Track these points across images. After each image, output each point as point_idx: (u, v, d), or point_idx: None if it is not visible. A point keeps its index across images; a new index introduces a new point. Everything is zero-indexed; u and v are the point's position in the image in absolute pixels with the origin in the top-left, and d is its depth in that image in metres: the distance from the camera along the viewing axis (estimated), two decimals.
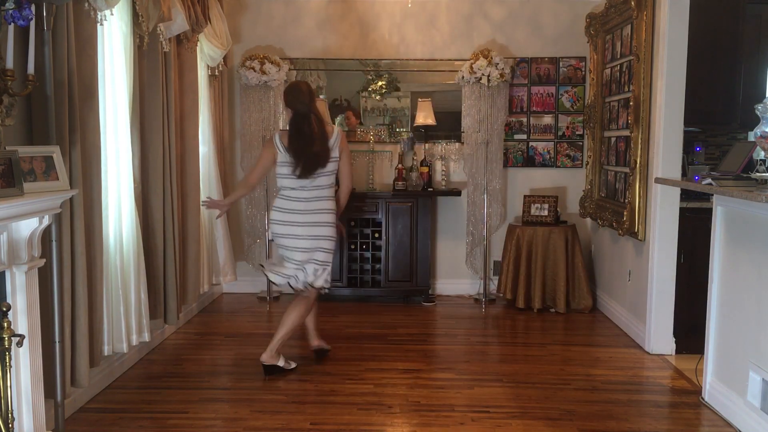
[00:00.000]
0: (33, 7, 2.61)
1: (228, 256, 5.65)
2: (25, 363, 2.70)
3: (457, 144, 5.95)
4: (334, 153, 3.98)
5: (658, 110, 4.38)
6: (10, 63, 2.61)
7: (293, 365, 4.12)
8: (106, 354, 3.71)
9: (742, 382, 3.35)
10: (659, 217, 4.40)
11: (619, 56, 5.08)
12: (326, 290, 4.19)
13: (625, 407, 3.62)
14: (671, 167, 4.36)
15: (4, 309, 2.45)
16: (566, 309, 5.49)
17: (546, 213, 5.67)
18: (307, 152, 3.90)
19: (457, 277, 6.08)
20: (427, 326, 5.18)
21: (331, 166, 3.98)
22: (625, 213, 4.74)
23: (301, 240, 3.94)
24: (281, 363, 4.05)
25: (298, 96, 3.96)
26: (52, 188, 2.75)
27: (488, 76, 5.65)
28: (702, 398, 3.72)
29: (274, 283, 4.09)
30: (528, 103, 6.04)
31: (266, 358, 4.01)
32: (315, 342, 4.36)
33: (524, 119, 6.06)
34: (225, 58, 5.70)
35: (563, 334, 5.02)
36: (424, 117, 5.69)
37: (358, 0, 5.94)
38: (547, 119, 6.05)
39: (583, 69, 5.97)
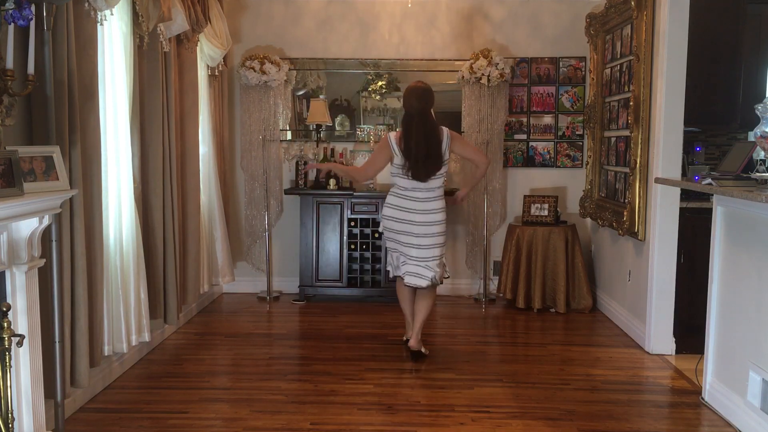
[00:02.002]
0: (33, 7, 2.61)
1: (226, 257, 5.65)
2: (25, 363, 2.70)
3: None
4: (446, 156, 4.14)
5: (658, 110, 4.38)
6: (10, 63, 2.61)
7: (427, 352, 4.37)
8: (106, 354, 3.71)
9: (742, 382, 3.35)
10: (659, 217, 4.40)
11: (619, 56, 5.08)
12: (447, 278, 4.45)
13: (625, 407, 3.62)
14: (671, 167, 4.36)
15: (4, 309, 2.45)
16: (566, 309, 5.49)
17: (546, 213, 5.67)
18: (421, 157, 4.07)
19: (456, 277, 6.08)
20: (427, 326, 5.15)
21: (443, 169, 4.15)
22: (625, 213, 4.74)
23: (418, 238, 4.14)
24: (424, 349, 4.33)
25: (409, 95, 4.16)
26: (52, 188, 2.75)
27: (488, 76, 5.65)
28: (702, 398, 3.72)
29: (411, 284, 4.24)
30: (528, 103, 6.04)
31: (414, 344, 4.28)
32: (412, 340, 4.37)
33: (524, 119, 6.06)
34: (225, 58, 5.70)
35: (563, 334, 5.02)
36: None
37: (358, 0, 5.95)
38: (547, 119, 6.05)
39: (583, 69, 5.97)
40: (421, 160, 4.08)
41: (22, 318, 2.67)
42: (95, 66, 3.41)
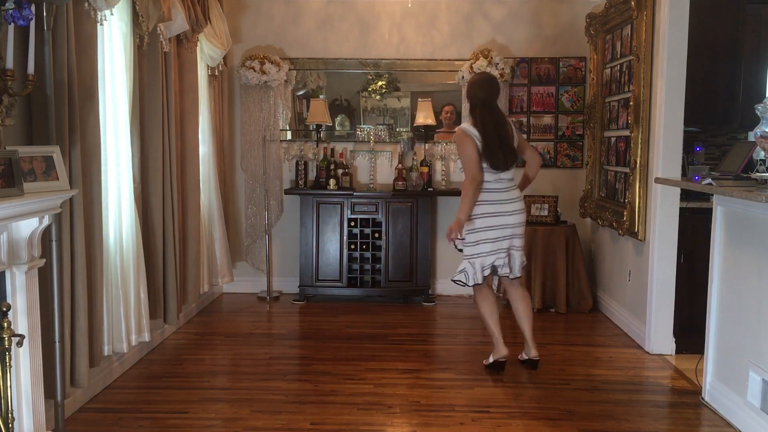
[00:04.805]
0: (33, 7, 2.61)
1: (225, 258, 5.65)
2: (25, 363, 2.70)
3: None
4: (515, 143, 4.12)
5: (658, 110, 4.38)
6: (10, 63, 2.61)
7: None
8: (105, 354, 3.71)
9: (742, 382, 3.35)
10: (659, 217, 4.40)
11: (619, 56, 5.08)
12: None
13: (625, 407, 3.62)
14: (671, 167, 4.36)
15: (4, 309, 2.45)
16: (566, 309, 5.49)
17: (546, 213, 5.67)
18: (506, 144, 4.02)
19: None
20: (427, 326, 5.18)
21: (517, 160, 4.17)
22: (625, 213, 4.74)
23: (509, 228, 4.04)
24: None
25: (471, 86, 4.11)
26: (52, 188, 2.75)
27: None
28: (702, 398, 3.72)
29: (465, 283, 4.12)
30: (528, 103, 6.04)
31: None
32: (533, 352, 4.22)
33: (524, 119, 6.06)
34: (225, 58, 5.70)
35: (563, 334, 5.02)
36: (424, 117, 5.69)
37: (358, 0, 5.94)
38: (547, 119, 6.05)
39: (583, 69, 5.97)
40: (497, 146, 3.96)
41: (22, 318, 2.67)
42: (95, 66, 3.41)
